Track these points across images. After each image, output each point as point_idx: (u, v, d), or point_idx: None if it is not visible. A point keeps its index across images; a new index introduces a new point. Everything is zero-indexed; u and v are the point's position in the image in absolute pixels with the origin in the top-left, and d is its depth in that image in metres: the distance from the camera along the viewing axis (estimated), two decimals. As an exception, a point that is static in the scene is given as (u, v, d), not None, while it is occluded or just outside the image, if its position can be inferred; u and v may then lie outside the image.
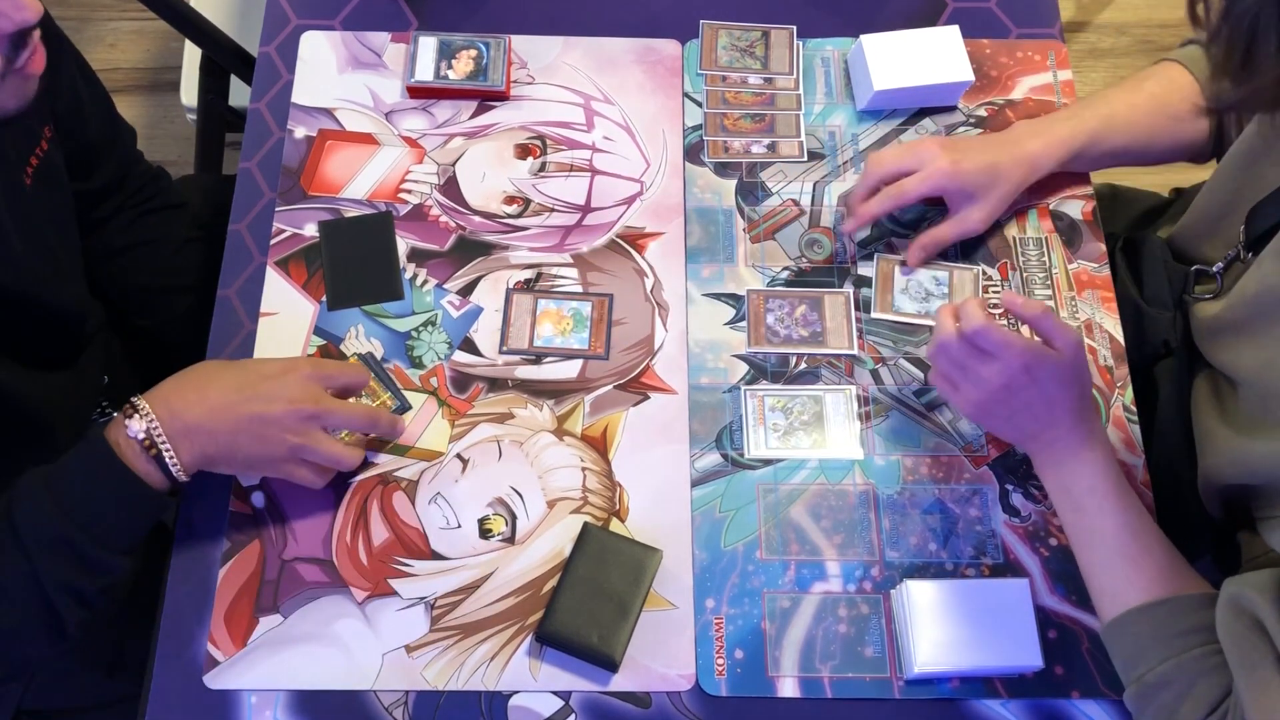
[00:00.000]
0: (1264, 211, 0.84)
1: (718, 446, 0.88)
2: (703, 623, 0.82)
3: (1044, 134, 0.92)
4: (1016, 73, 1.04)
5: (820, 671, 0.81)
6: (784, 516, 0.86)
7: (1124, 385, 0.91)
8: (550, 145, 1.00)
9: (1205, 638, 0.71)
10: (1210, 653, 0.71)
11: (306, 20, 1.05)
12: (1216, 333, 0.85)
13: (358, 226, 0.95)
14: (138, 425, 0.74)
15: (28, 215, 0.81)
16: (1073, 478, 0.80)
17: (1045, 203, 0.98)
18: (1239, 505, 0.83)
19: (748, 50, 1.05)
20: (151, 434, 0.74)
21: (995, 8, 1.08)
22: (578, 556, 0.81)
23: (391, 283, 0.93)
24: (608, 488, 0.87)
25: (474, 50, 1.01)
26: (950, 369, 0.81)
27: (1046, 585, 0.84)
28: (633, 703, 0.80)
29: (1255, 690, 0.66)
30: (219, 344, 0.91)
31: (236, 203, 0.97)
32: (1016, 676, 0.81)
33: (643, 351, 0.92)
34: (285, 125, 1.00)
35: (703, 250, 0.96)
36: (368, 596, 0.82)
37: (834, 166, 1.00)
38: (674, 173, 0.99)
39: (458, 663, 0.80)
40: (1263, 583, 0.69)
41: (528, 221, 0.97)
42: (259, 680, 0.80)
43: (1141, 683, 0.73)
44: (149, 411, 0.74)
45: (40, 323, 0.85)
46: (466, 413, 0.89)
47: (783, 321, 0.93)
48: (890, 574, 0.84)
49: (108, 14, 1.99)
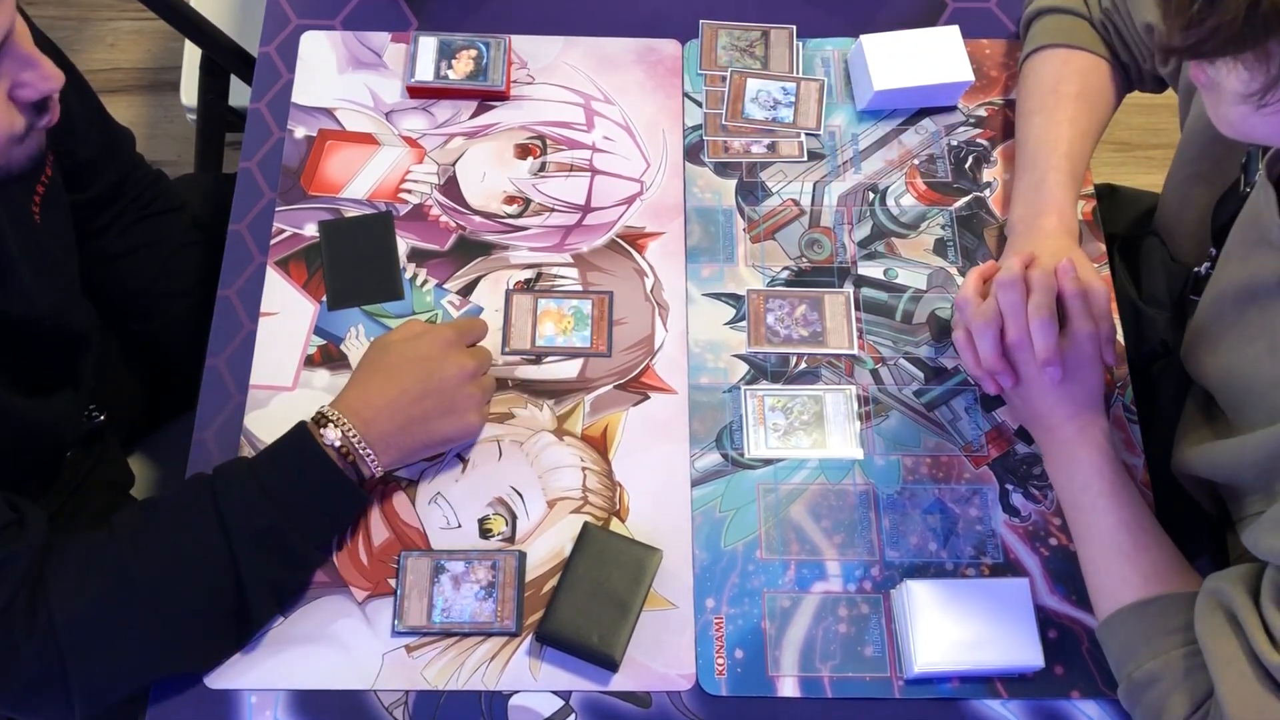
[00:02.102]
0: (1223, 208, 0.84)
1: (718, 446, 0.88)
2: (703, 622, 0.82)
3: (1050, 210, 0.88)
4: (1016, 73, 1.04)
5: (820, 671, 0.81)
6: (784, 516, 0.86)
7: (1124, 385, 0.91)
8: (550, 145, 1.00)
9: (1194, 636, 0.71)
10: (1198, 651, 0.71)
11: (306, 20, 1.05)
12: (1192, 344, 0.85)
13: (358, 226, 0.95)
14: (333, 434, 0.78)
15: (37, 247, 0.81)
16: (1070, 474, 0.81)
17: (1045, 203, 0.98)
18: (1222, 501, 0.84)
19: (748, 50, 1.05)
20: (349, 441, 0.78)
21: (995, 8, 1.08)
22: (578, 556, 0.81)
23: (392, 283, 0.93)
24: (608, 488, 0.87)
25: (474, 50, 1.01)
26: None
27: (1046, 585, 0.84)
28: (633, 703, 0.80)
29: (1231, 685, 0.66)
30: (219, 344, 0.91)
31: (236, 203, 0.97)
32: (1016, 676, 0.81)
33: (643, 351, 0.92)
34: (285, 125, 1.00)
35: (703, 250, 0.96)
36: (368, 596, 0.82)
37: (834, 166, 1.00)
38: (674, 173, 0.99)
39: (458, 663, 0.80)
40: (1237, 577, 0.70)
41: (528, 221, 0.97)
42: (259, 680, 0.80)
43: (1131, 680, 0.74)
44: (343, 420, 0.78)
45: (48, 348, 0.86)
46: (466, 412, 0.89)
47: (783, 321, 0.93)
48: (890, 574, 0.84)
49: (108, 14, 1.99)
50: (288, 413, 0.87)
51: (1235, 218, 0.80)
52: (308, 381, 0.89)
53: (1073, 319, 0.79)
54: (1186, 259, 0.93)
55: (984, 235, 0.97)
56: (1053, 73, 0.93)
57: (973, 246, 0.97)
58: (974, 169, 1.00)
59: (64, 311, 0.87)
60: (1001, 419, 0.90)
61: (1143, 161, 1.90)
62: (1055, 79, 0.93)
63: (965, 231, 0.97)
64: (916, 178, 0.99)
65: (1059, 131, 0.90)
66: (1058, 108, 0.91)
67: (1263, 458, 0.73)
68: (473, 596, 0.82)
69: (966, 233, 0.97)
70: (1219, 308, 0.80)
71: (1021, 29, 1.00)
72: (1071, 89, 0.92)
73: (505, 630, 0.81)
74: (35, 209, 0.81)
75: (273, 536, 0.75)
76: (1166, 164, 0.96)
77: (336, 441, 0.78)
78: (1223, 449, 0.78)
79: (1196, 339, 0.84)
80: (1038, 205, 0.89)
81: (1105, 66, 0.93)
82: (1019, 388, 0.83)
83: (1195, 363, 0.84)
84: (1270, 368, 0.73)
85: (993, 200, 0.99)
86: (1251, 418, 0.76)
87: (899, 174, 1.00)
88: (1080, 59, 0.93)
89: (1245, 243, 0.77)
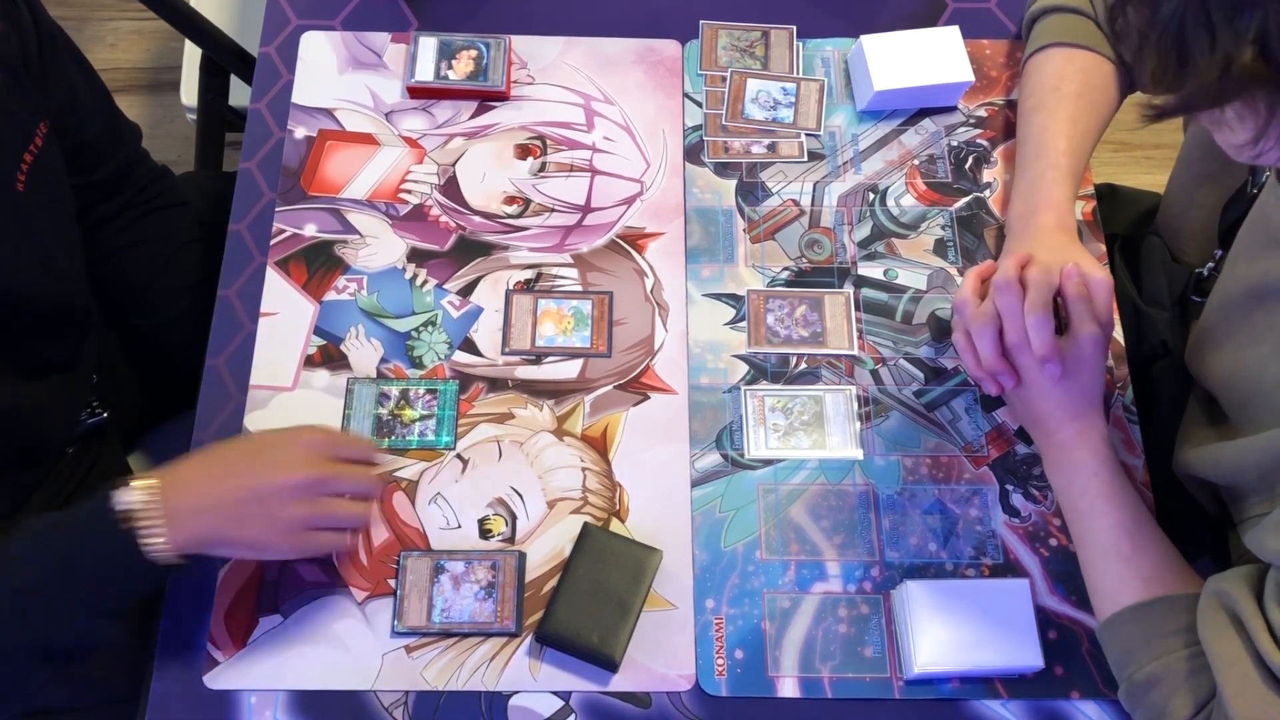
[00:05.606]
0: (1230, 209, 0.84)
1: (718, 446, 0.88)
2: (703, 623, 0.82)
3: (1048, 207, 0.88)
4: (1017, 73, 1.04)
5: (820, 671, 0.81)
6: (784, 517, 0.86)
7: (1124, 385, 0.91)
8: (550, 145, 1.00)
9: (1195, 637, 0.71)
10: (1199, 652, 0.71)
11: (306, 20, 1.05)
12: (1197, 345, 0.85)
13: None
14: (128, 498, 0.70)
15: (19, 217, 0.80)
16: (1069, 477, 0.81)
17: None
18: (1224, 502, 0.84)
19: (748, 50, 1.05)
20: (136, 510, 0.69)
21: (995, 8, 1.08)
22: (578, 557, 0.81)
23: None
24: (608, 488, 0.87)
25: (474, 50, 1.01)
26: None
27: (1046, 585, 0.84)
28: (633, 703, 0.80)
29: (1235, 686, 0.66)
30: (219, 344, 0.91)
31: (236, 203, 0.97)
32: (1016, 676, 0.81)
33: (643, 351, 0.92)
34: (285, 125, 1.00)
35: (703, 250, 0.96)
36: (368, 596, 0.82)
37: (834, 167, 1.00)
38: (674, 173, 0.99)
39: (458, 663, 0.80)
40: (1240, 578, 0.70)
41: (528, 221, 0.97)
42: (259, 680, 0.80)
43: (1131, 681, 0.74)
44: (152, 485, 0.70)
45: (35, 324, 0.84)
46: (467, 413, 0.89)
47: (783, 321, 0.93)
48: (890, 574, 0.84)
49: (108, 14, 1.99)
50: (288, 413, 0.88)
51: (1242, 219, 0.80)
52: (307, 382, 0.89)
53: (1074, 320, 0.79)
54: (1190, 259, 0.93)
55: (984, 236, 0.97)
56: (1055, 72, 0.93)
57: (973, 247, 0.97)
58: (974, 169, 1.00)
59: (52, 288, 0.85)
60: (1001, 419, 0.90)
61: (1143, 161, 1.91)
62: (1057, 78, 0.93)
63: (965, 232, 0.97)
64: (916, 178, 0.99)
65: (1059, 130, 0.90)
66: (1059, 106, 0.91)
67: (1266, 459, 0.73)
68: (472, 597, 0.82)
69: (966, 233, 0.97)
70: (1225, 309, 0.80)
71: (1024, 29, 1.00)
72: (1073, 88, 0.92)
73: (505, 631, 0.81)
74: (20, 176, 0.79)
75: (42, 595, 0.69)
76: (1166, 164, 0.96)
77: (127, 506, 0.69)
78: (1226, 450, 0.77)
79: (1202, 340, 0.84)
80: (1035, 202, 0.89)
81: (1108, 66, 0.93)
82: (1019, 389, 0.83)
83: (1200, 363, 0.84)
84: (1276, 370, 0.73)
85: (993, 201, 0.99)
86: (1256, 419, 0.76)
87: (899, 174, 1.00)
88: (1083, 58, 0.93)
89: (1254, 244, 0.77)
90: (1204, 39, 0.51)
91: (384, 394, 0.89)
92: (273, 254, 0.94)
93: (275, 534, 0.72)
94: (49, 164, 0.83)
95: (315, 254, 0.94)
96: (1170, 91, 0.55)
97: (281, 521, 0.72)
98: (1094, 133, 0.92)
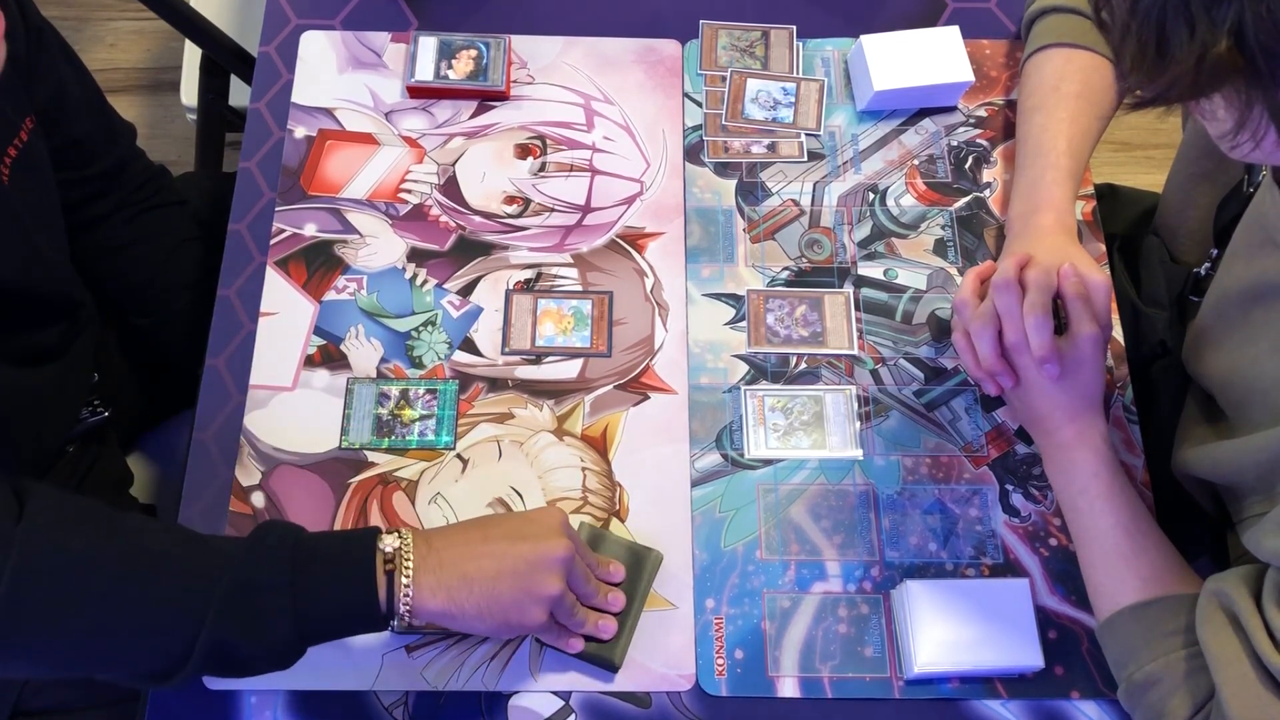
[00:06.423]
0: (1226, 208, 0.84)
1: (718, 446, 0.88)
2: (703, 623, 0.82)
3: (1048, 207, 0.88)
4: (1016, 73, 1.04)
5: (820, 671, 0.81)
6: (784, 516, 0.86)
7: (1124, 385, 0.91)
8: (550, 145, 1.00)
9: (1194, 637, 0.71)
10: (1198, 653, 0.71)
11: (306, 20, 1.05)
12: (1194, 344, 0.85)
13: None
14: (391, 541, 0.71)
15: (2, 209, 0.80)
16: (1069, 476, 0.81)
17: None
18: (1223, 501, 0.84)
19: (748, 50, 1.05)
20: (400, 553, 0.70)
21: (995, 8, 1.08)
22: (578, 556, 0.81)
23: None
24: (608, 488, 0.87)
25: (474, 50, 1.01)
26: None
27: (1046, 585, 0.84)
28: (633, 703, 0.80)
29: (1233, 686, 0.66)
30: (219, 344, 0.91)
31: (236, 203, 0.97)
32: (1016, 676, 0.81)
33: (643, 351, 0.92)
34: (285, 125, 1.00)
35: (703, 250, 0.96)
36: (368, 596, 0.82)
37: (834, 167, 1.00)
38: (674, 173, 0.99)
39: (458, 663, 0.80)
40: (1239, 579, 0.70)
41: (528, 221, 0.97)
42: (259, 680, 0.79)
43: (1130, 681, 0.74)
44: (409, 537, 0.71)
45: (24, 313, 0.84)
46: (466, 413, 0.89)
47: (783, 321, 0.93)
48: (890, 574, 0.84)
49: (108, 14, 1.99)
50: (288, 413, 0.88)
51: (1238, 218, 0.80)
52: (307, 381, 0.89)
53: (1073, 321, 0.79)
54: (1188, 259, 0.93)
55: (984, 236, 0.97)
56: (1054, 71, 0.93)
57: (973, 247, 0.97)
58: (974, 169, 1.00)
59: (39, 277, 0.85)
60: (1001, 419, 0.90)
61: (1143, 161, 1.91)
62: (1057, 78, 0.93)
63: (965, 232, 0.97)
64: (916, 178, 0.99)
65: (1059, 130, 0.90)
66: (1058, 106, 0.91)
67: (1264, 459, 0.73)
68: None
69: (966, 233, 0.97)
70: (1222, 308, 0.80)
71: (1024, 29, 1.00)
72: (1073, 88, 0.92)
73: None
74: (4, 169, 0.80)
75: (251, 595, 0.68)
76: (1166, 164, 0.96)
77: (389, 548, 0.71)
78: (1224, 450, 0.78)
79: (1199, 339, 0.84)
80: (1035, 202, 0.89)
81: (1108, 66, 0.93)
82: (1019, 389, 0.83)
83: (1197, 363, 0.84)
84: (1273, 368, 0.73)
85: (993, 201, 0.99)
86: (1253, 418, 0.76)
87: (899, 174, 1.00)
88: (1083, 58, 0.93)
89: (1250, 243, 0.77)
90: (1183, 29, 0.51)
91: (384, 394, 0.89)
92: (272, 254, 0.94)
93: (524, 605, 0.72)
94: (34, 158, 0.83)
95: (315, 254, 0.94)
96: (1149, 80, 0.55)
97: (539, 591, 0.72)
98: (1094, 133, 0.92)
